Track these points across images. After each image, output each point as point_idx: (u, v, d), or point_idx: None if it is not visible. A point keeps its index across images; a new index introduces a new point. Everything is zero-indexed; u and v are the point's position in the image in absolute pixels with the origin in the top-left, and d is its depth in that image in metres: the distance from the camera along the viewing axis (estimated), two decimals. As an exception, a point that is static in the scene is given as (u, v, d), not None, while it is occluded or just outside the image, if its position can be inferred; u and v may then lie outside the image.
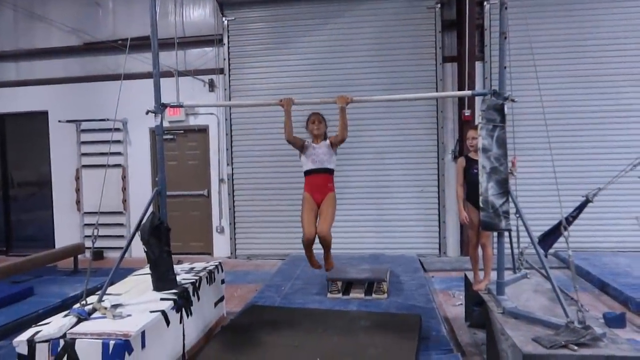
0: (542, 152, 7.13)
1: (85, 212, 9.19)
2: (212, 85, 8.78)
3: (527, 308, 3.66)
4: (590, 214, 5.31)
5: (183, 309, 4.05)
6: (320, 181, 4.31)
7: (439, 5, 8.16)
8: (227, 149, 8.77)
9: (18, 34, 9.38)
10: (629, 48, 7.78)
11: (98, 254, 8.61)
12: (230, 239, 8.85)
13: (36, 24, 9.25)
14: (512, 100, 3.85)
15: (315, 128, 4.38)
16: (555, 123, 7.56)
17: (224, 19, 8.67)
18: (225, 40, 8.68)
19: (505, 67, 3.87)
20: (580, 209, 4.63)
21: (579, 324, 3.15)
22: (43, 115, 9.30)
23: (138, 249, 4.66)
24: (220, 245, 8.93)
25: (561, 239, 3.67)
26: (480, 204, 3.78)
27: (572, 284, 3.43)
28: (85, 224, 9.18)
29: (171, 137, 8.93)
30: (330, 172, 4.35)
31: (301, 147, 4.39)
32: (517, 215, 3.89)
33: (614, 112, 7.82)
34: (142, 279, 4.48)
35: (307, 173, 4.36)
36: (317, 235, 4.19)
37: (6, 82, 9.40)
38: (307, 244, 4.25)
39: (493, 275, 4.27)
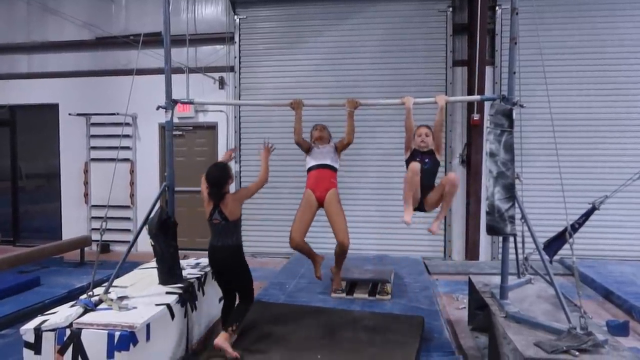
0: (549, 157, 7.12)
1: (93, 205, 9.26)
2: (222, 83, 8.82)
3: (530, 313, 3.67)
4: (596, 222, 5.30)
5: (188, 303, 4.10)
6: (321, 175, 4.35)
7: (450, 9, 8.16)
8: (235, 147, 8.80)
9: (31, 26, 9.45)
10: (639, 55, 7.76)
11: (104, 247, 8.66)
12: (236, 236, 8.86)
13: (49, 18, 9.31)
14: (521, 106, 3.87)
15: (317, 134, 4.54)
16: (563, 129, 7.54)
17: (235, 17, 8.72)
18: (237, 39, 8.72)
19: (514, 73, 3.88)
20: (586, 216, 4.61)
21: (581, 330, 3.16)
22: (54, 108, 9.37)
23: (143, 244, 4.69)
24: (226, 242, 8.94)
25: (566, 245, 3.67)
26: (486, 208, 3.80)
27: (576, 290, 3.44)
28: (93, 217, 9.25)
29: (180, 133, 8.98)
30: (332, 169, 4.38)
31: (307, 150, 4.50)
32: (523, 221, 3.89)
33: (623, 119, 7.80)
34: (148, 273, 4.53)
35: (309, 169, 4.44)
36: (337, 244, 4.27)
37: (18, 74, 9.47)
38: (295, 247, 4.38)
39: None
